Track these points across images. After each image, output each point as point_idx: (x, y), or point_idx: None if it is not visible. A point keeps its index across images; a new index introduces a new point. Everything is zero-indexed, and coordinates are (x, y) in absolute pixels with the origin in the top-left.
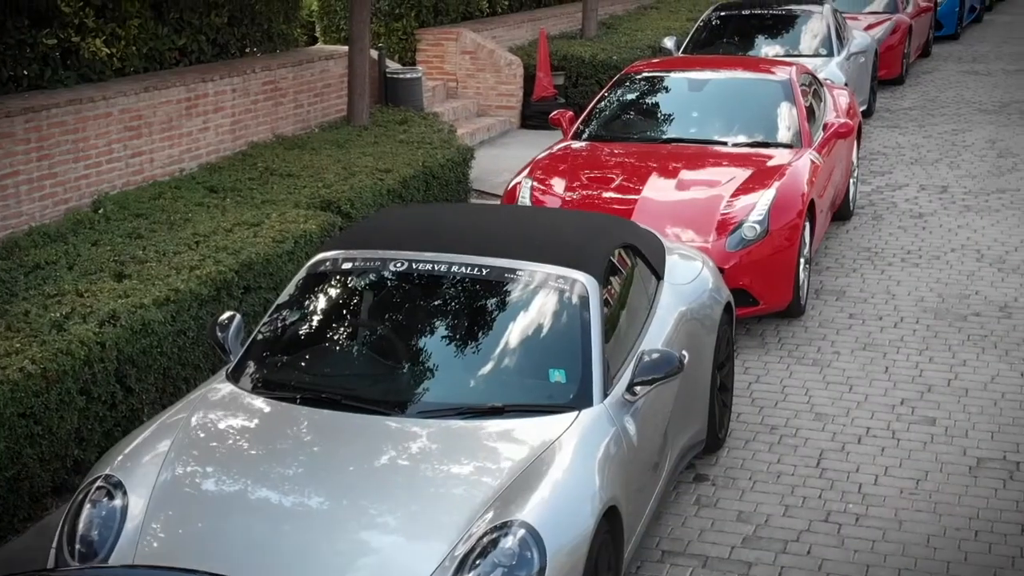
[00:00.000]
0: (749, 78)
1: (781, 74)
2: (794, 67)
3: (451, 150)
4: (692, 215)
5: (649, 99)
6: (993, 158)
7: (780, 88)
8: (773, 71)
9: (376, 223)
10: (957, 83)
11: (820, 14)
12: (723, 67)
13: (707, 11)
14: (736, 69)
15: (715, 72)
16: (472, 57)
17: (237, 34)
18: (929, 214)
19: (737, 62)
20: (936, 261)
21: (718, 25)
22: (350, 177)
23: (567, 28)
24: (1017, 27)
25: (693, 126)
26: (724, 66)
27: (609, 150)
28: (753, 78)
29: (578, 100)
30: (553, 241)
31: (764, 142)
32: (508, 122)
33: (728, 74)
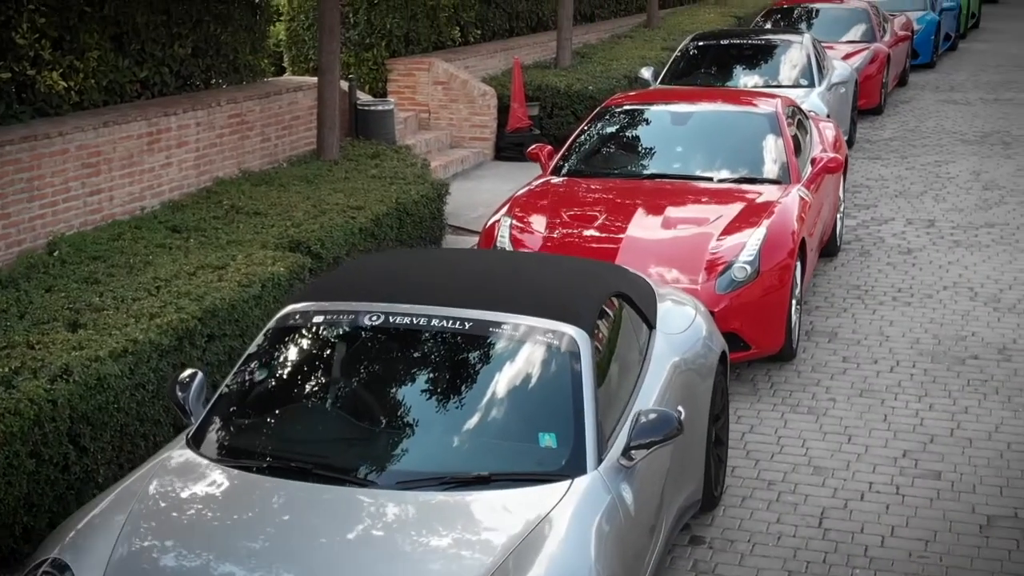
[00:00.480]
0: (734, 111)
1: (766, 107)
2: (779, 99)
3: (425, 185)
4: (679, 255)
5: (631, 133)
6: (979, 191)
7: (766, 121)
8: (758, 104)
9: (350, 272)
10: (936, 113)
11: (800, 44)
12: (706, 100)
13: (684, 41)
14: (720, 102)
15: (698, 105)
16: (445, 87)
17: (202, 65)
18: (918, 250)
19: (720, 94)
20: (929, 300)
21: (696, 55)
22: (320, 215)
23: (541, 57)
24: (991, 55)
25: (677, 161)
26: (707, 98)
27: (590, 186)
28: (738, 111)
29: (553, 131)
30: (540, 291)
31: (751, 178)
32: (482, 154)
33: (712, 107)
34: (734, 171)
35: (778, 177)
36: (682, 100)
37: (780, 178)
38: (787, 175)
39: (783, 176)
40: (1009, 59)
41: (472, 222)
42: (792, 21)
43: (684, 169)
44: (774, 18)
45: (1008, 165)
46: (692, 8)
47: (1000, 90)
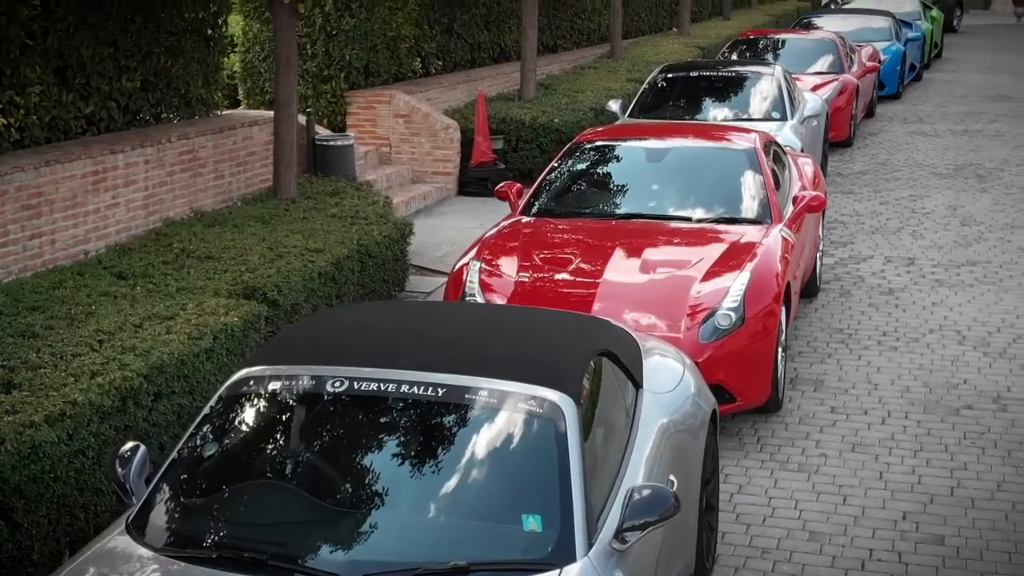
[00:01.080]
0: (711, 147)
1: (744, 143)
2: (757, 135)
3: (388, 225)
4: (659, 301)
5: (604, 170)
6: (957, 227)
7: (744, 158)
8: (735, 139)
9: (310, 329)
10: (906, 145)
11: (771, 76)
12: (681, 135)
13: (653, 73)
14: (695, 137)
15: (673, 140)
16: (406, 120)
17: (151, 99)
18: (899, 290)
19: (695, 129)
20: (915, 344)
21: (665, 87)
22: (277, 259)
23: (504, 89)
24: (957, 86)
25: (653, 200)
26: (682, 134)
27: (563, 227)
28: (715, 147)
29: (518, 165)
30: (519, 351)
31: (731, 217)
32: (445, 189)
33: (688, 143)
34: (713, 210)
35: (759, 216)
36: (656, 135)
37: (761, 217)
38: (768, 214)
39: (764, 215)
40: (974, 89)
41: (437, 261)
42: (758, 52)
43: (660, 208)
44: (739, 49)
45: (984, 200)
46: (655, 38)
47: (968, 121)
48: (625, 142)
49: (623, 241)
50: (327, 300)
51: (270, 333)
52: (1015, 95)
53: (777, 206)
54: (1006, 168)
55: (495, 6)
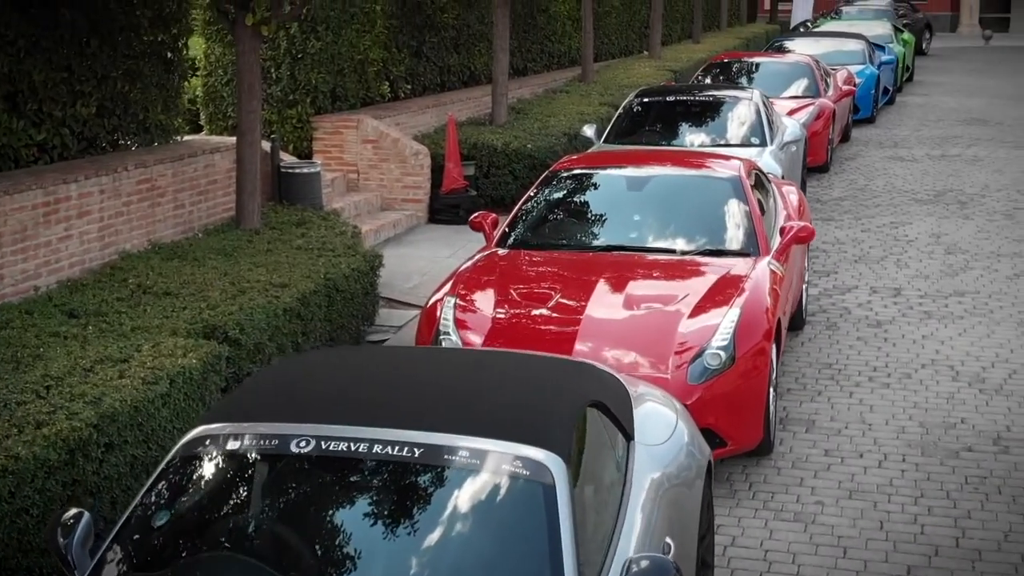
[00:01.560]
0: (694, 176)
1: (728, 171)
2: (742, 163)
3: (356, 257)
4: (644, 339)
5: (583, 200)
6: (942, 255)
7: (729, 187)
8: (719, 167)
9: (275, 380)
10: (884, 170)
11: (749, 100)
12: (662, 162)
13: (628, 97)
14: (677, 165)
15: (655, 168)
16: (374, 146)
17: (107, 126)
18: (887, 322)
19: (677, 156)
20: (908, 380)
21: (640, 112)
22: (239, 295)
23: (475, 113)
24: (931, 109)
25: (635, 231)
26: (663, 161)
27: (541, 259)
28: (698, 176)
29: (490, 191)
30: (503, 405)
31: (717, 249)
32: (415, 216)
33: (670, 171)
34: (698, 242)
35: (746, 248)
36: (636, 163)
37: (748, 250)
38: (755, 246)
39: (751, 247)
40: (948, 113)
41: (408, 293)
42: (732, 76)
43: (643, 240)
44: (713, 72)
45: (967, 227)
46: (626, 61)
47: (945, 146)
48: (604, 170)
49: (605, 275)
50: (292, 338)
51: (232, 375)
52: (990, 118)
53: (764, 237)
54: (987, 194)
55: (465, 29)
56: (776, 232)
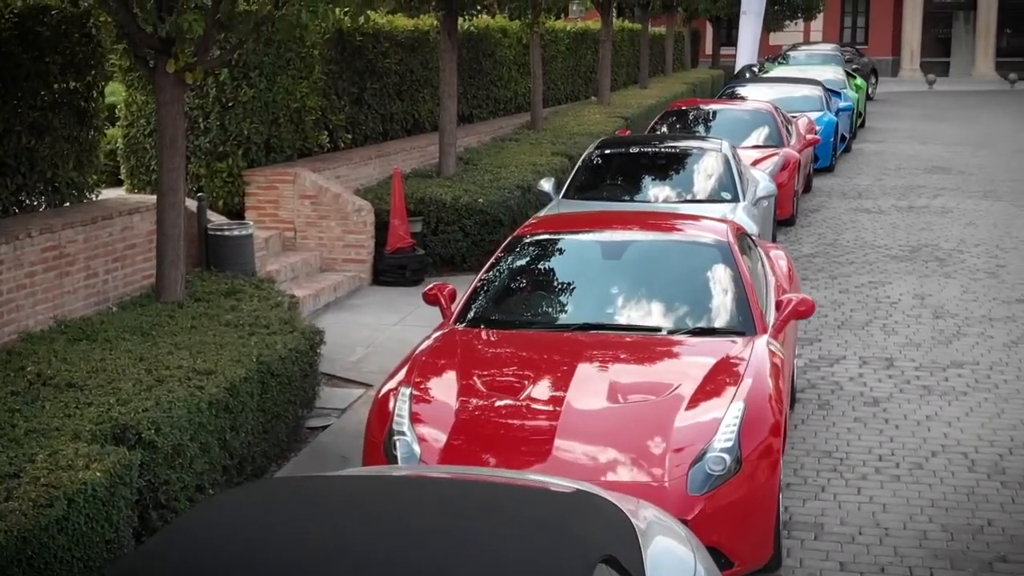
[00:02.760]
0: (677, 241)
1: (714, 235)
2: (728, 226)
3: (294, 335)
4: (635, 438)
5: (553, 270)
6: (930, 319)
7: (717, 254)
8: (703, 231)
9: (180, 545)
10: (852, 223)
11: (717, 152)
12: (640, 226)
13: (588, 148)
14: (657, 229)
15: (632, 233)
16: (313, 202)
17: (10, 186)
18: (885, 399)
19: (655, 218)
20: (919, 472)
21: (602, 164)
22: (156, 385)
23: (421, 164)
24: (889, 157)
25: (613, 307)
26: (641, 224)
27: (508, 340)
28: (682, 241)
29: (439, 249)
30: (496, 565)
31: (708, 328)
32: (358, 278)
33: (649, 236)
34: (686, 320)
35: (740, 327)
36: (610, 227)
37: (743, 328)
38: (751, 324)
39: (746, 325)
40: (907, 161)
41: (352, 368)
42: (689, 124)
43: (623, 317)
44: (670, 121)
45: (951, 287)
46: (575, 107)
47: (911, 196)
48: (575, 235)
49: (583, 359)
50: (219, 435)
51: (146, 485)
52: (951, 167)
53: (760, 313)
54: (964, 249)
55: (408, 75)
56: (770, 305)
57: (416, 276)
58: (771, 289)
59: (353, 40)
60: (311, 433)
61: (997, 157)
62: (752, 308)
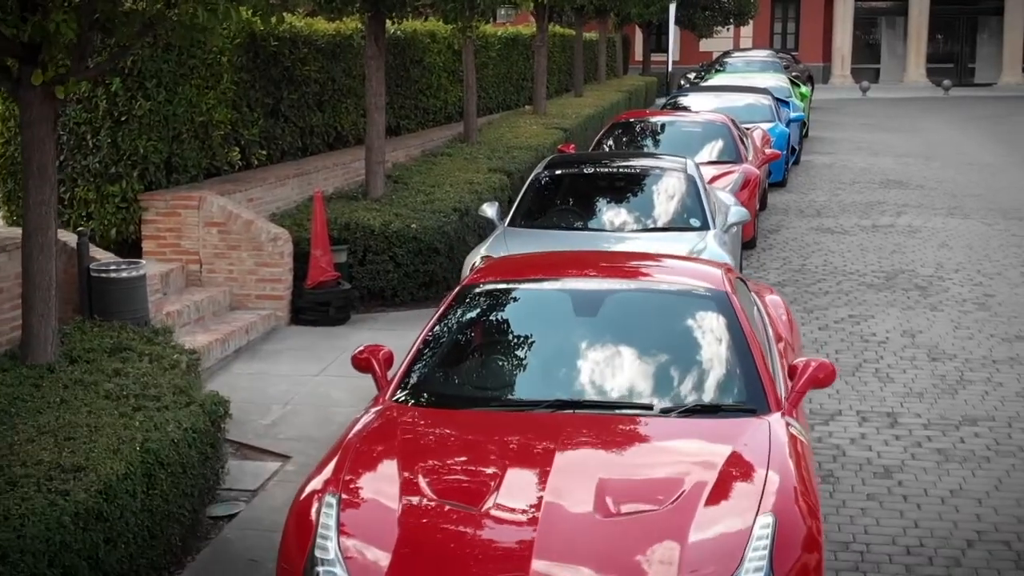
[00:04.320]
0: (664, 292)
1: (708, 283)
2: (721, 270)
3: (191, 409)
4: (636, 561)
5: (513, 330)
6: (925, 362)
7: (714, 307)
8: (693, 277)
9: None
10: (816, 246)
11: (681, 172)
12: (615, 271)
13: (537, 167)
14: (637, 275)
15: (608, 281)
16: (221, 230)
17: None
18: (897, 468)
19: (632, 260)
20: (957, 571)
21: (551, 187)
22: (7, 490)
23: (346, 183)
24: (840, 170)
25: (592, 378)
26: (616, 269)
27: (463, 422)
28: (669, 292)
29: (367, 282)
30: None
31: (712, 405)
32: (274, 317)
33: (630, 285)
34: (682, 394)
35: (749, 402)
36: (580, 271)
37: (752, 403)
38: (762, 398)
39: (757, 400)
40: (860, 175)
41: (265, 434)
42: (636, 138)
43: (605, 391)
44: (616, 134)
45: (940, 321)
46: (509, 117)
47: (873, 214)
48: (539, 284)
49: (560, 448)
50: (89, 554)
51: None
52: (907, 180)
53: (772, 383)
54: (944, 275)
55: (330, 83)
56: (778, 370)
57: (341, 314)
58: (775, 348)
59: (267, 45)
60: (214, 525)
61: (951, 170)
62: (762, 378)
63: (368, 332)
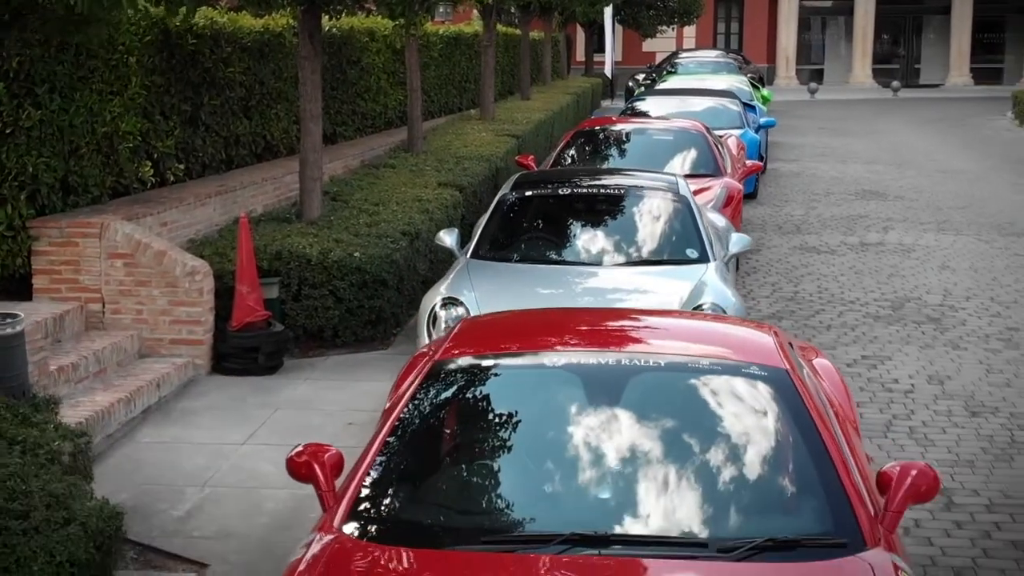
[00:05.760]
0: (706, 370)
1: (763, 358)
2: (770, 332)
3: (70, 533)
4: None
5: (505, 428)
6: (965, 417)
7: (774, 391)
8: (744, 352)
9: None
10: (805, 268)
11: (674, 191)
12: (631, 338)
13: (504, 187)
14: (664, 342)
15: (628, 353)
16: (128, 262)
17: None
18: (967, 570)
19: (650, 322)
20: None
21: (520, 210)
22: None
23: (277, 202)
24: (811, 180)
25: (621, 503)
26: (631, 335)
27: (443, 570)
28: (714, 370)
29: (303, 321)
30: None
31: (790, 540)
32: (192, 366)
33: (660, 359)
34: (746, 527)
35: (837, 533)
36: (584, 341)
37: (843, 534)
38: (854, 526)
39: (848, 530)
40: (833, 184)
41: (176, 531)
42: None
43: (639, 522)
44: (578, 143)
45: (968, 363)
46: (455, 123)
47: (857, 229)
48: (536, 359)
49: None
50: None
51: None
52: (885, 191)
53: (862, 502)
54: (956, 304)
55: (257, 87)
56: (856, 470)
57: (272, 360)
58: (851, 442)
59: (184, 44)
60: None
61: (926, 178)
62: (850, 495)
63: (304, 383)
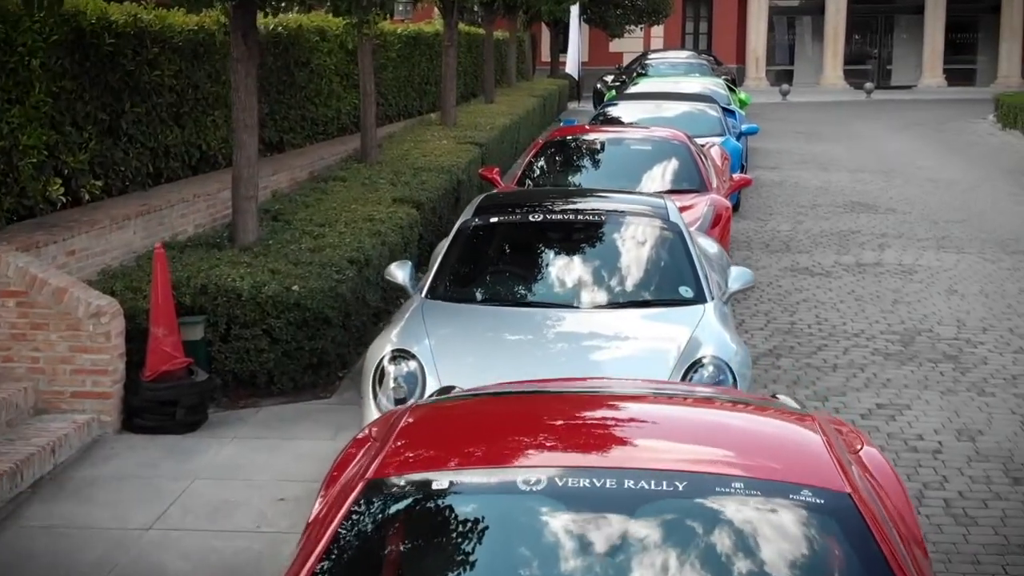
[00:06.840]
0: (747, 495)
1: (815, 473)
2: (817, 430)
3: None
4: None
5: (478, 537)
6: (1007, 486)
7: (836, 525)
8: (785, 463)
9: None
10: (800, 294)
11: (663, 218)
12: (604, 444)
13: (465, 212)
14: (681, 444)
15: (604, 471)
16: (21, 302)
17: None
18: None
19: (661, 409)
20: None
21: (483, 240)
22: None
23: (211, 221)
24: (795, 190)
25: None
26: (603, 441)
27: None
28: (757, 496)
29: (231, 366)
30: None
31: None
32: (98, 423)
33: (679, 465)
34: None
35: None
36: (569, 443)
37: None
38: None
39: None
40: (818, 195)
41: None
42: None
43: None
44: (548, 154)
45: (999, 412)
46: (414, 128)
47: (852, 248)
48: (507, 474)
49: None
50: None
51: None
52: (875, 203)
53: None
54: (972, 337)
55: (190, 92)
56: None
57: (193, 415)
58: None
59: (101, 44)
60: None
61: (917, 188)
62: None
63: (231, 443)
